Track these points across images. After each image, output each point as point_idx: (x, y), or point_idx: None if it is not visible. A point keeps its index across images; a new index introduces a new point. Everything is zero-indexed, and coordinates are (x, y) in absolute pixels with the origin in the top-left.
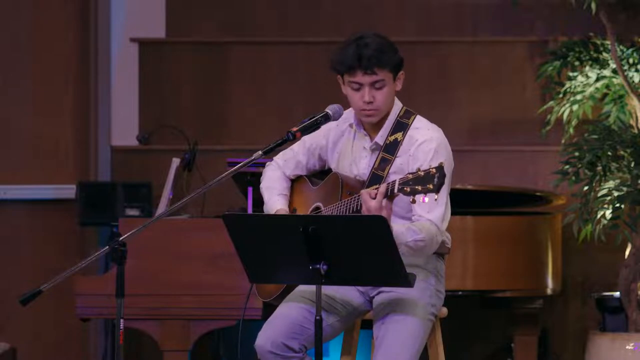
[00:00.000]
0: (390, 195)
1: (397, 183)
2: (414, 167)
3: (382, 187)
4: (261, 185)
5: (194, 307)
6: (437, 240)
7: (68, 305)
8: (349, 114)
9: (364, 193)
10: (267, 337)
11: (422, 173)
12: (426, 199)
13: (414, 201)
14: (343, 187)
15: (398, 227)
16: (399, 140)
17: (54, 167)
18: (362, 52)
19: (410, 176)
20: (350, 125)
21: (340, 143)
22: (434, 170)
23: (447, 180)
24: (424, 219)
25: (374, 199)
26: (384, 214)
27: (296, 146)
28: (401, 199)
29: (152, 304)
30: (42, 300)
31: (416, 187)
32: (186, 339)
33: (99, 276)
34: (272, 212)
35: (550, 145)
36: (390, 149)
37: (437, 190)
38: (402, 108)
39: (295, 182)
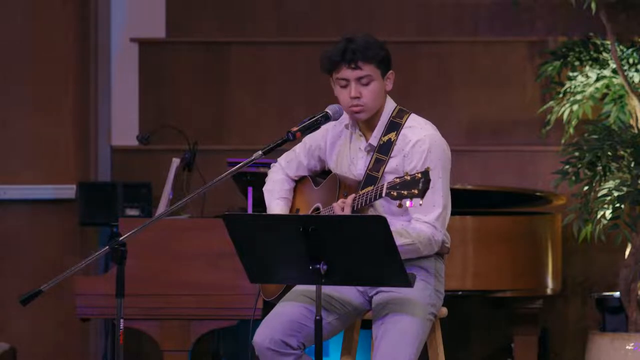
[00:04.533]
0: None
1: (384, 187)
2: (409, 167)
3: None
4: (264, 188)
5: (194, 307)
6: (435, 240)
7: (68, 305)
8: (346, 115)
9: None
10: (265, 334)
11: (409, 177)
12: (412, 204)
13: (400, 205)
14: (340, 188)
15: None
16: (392, 140)
17: (54, 167)
18: (347, 46)
19: (398, 180)
20: (347, 126)
21: (337, 144)
22: (419, 175)
23: (445, 177)
24: (420, 221)
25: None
26: None
27: (298, 147)
28: None
29: (152, 304)
30: (42, 300)
31: (402, 191)
32: (186, 339)
33: (99, 276)
34: None
35: (550, 145)
36: (384, 149)
37: (421, 195)
38: (395, 108)
39: (299, 183)
